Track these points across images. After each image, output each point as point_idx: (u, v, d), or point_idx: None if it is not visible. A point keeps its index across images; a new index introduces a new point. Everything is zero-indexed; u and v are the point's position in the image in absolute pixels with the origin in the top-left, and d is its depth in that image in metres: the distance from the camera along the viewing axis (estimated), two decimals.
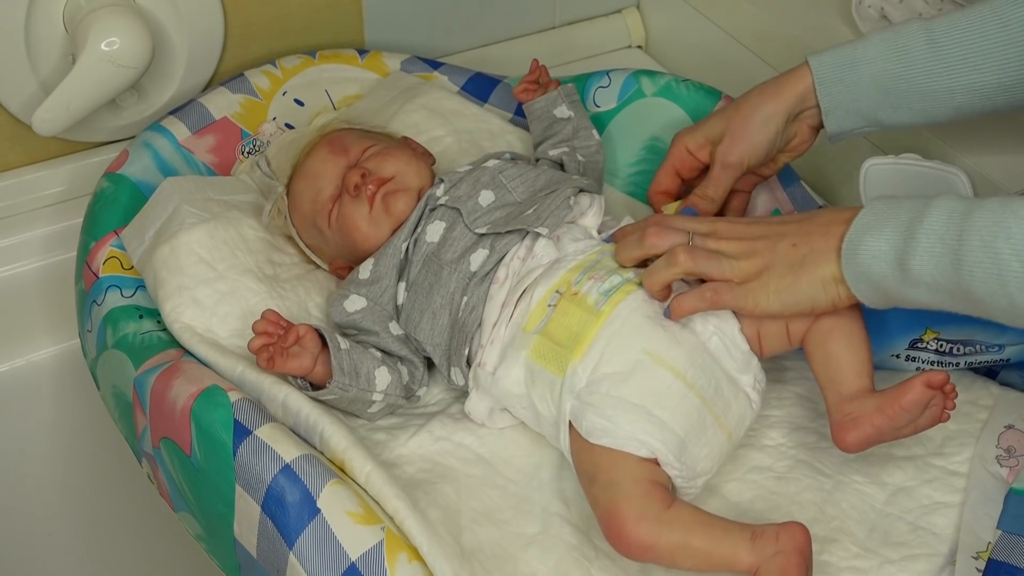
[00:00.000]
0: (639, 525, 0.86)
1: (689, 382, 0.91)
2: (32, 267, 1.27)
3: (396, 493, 0.88)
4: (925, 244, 0.82)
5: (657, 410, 0.90)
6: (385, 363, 1.00)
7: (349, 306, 1.02)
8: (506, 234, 1.01)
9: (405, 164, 1.06)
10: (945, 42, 0.99)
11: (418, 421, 1.01)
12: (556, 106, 1.18)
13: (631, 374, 0.91)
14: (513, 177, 1.06)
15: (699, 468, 0.91)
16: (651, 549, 0.86)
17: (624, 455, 0.88)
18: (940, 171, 1.09)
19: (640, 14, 1.61)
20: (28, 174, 1.30)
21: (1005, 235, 0.78)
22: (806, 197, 1.20)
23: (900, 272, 0.83)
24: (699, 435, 0.91)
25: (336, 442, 0.91)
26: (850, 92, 1.02)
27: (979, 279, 0.79)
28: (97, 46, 1.14)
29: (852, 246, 0.86)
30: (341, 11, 1.39)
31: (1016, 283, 0.77)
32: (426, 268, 1.01)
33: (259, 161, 1.11)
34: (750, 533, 0.85)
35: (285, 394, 0.95)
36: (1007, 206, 0.79)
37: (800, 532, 0.85)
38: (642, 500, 0.87)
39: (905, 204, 0.85)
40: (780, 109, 1.04)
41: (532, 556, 0.91)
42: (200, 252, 1.04)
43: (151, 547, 1.41)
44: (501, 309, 0.98)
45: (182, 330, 1.01)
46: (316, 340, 0.96)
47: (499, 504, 0.95)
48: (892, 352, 1.04)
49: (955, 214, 0.81)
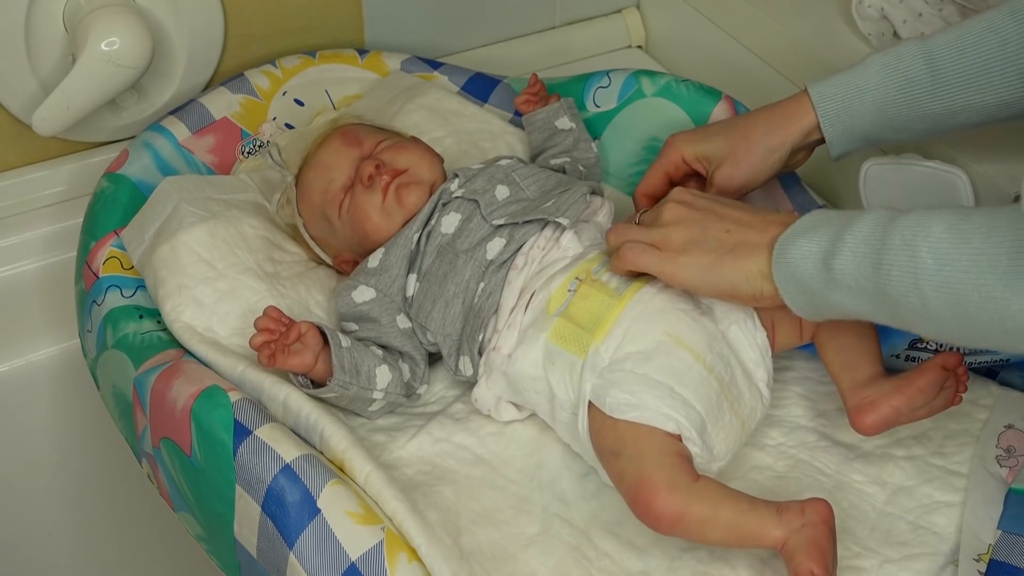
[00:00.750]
0: (671, 495, 0.86)
1: (708, 365, 0.92)
2: (32, 267, 1.27)
3: (395, 495, 0.88)
4: (851, 244, 0.82)
5: (680, 388, 0.90)
6: (386, 361, 1.00)
7: (357, 296, 1.03)
8: (524, 224, 1.01)
9: (419, 158, 1.07)
10: (945, 64, 0.99)
11: (417, 422, 1.01)
12: (558, 117, 1.20)
13: (653, 353, 0.92)
14: (526, 176, 1.07)
15: (716, 451, 0.92)
16: (681, 519, 0.86)
17: (651, 429, 0.89)
18: (940, 171, 1.10)
19: (640, 14, 1.61)
20: (28, 174, 1.30)
21: (925, 233, 0.78)
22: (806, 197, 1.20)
23: (825, 272, 0.83)
24: (717, 418, 0.92)
25: (336, 442, 0.91)
26: (853, 120, 1.03)
27: (895, 278, 0.79)
28: (97, 46, 1.14)
29: (784, 246, 0.87)
30: (341, 11, 1.39)
31: (929, 282, 0.77)
32: (440, 258, 1.02)
33: (271, 150, 1.11)
34: (776, 508, 0.87)
35: (286, 394, 0.95)
36: (933, 212, 0.79)
37: (824, 505, 0.86)
38: (672, 471, 0.87)
39: (844, 213, 0.86)
40: (786, 142, 1.05)
41: (532, 556, 0.91)
42: (200, 251, 1.04)
43: (151, 547, 1.41)
44: (519, 295, 0.99)
45: (182, 329, 1.01)
46: (318, 337, 0.97)
47: (499, 505, 0.95)
48: (893, 352, 1.04)
49: (883, 219, 0.81)
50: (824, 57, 1.30)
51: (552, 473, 0.98)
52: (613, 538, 0.93)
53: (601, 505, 0.96)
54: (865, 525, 0.94)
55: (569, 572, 0.90)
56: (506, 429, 1.01)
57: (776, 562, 0.90)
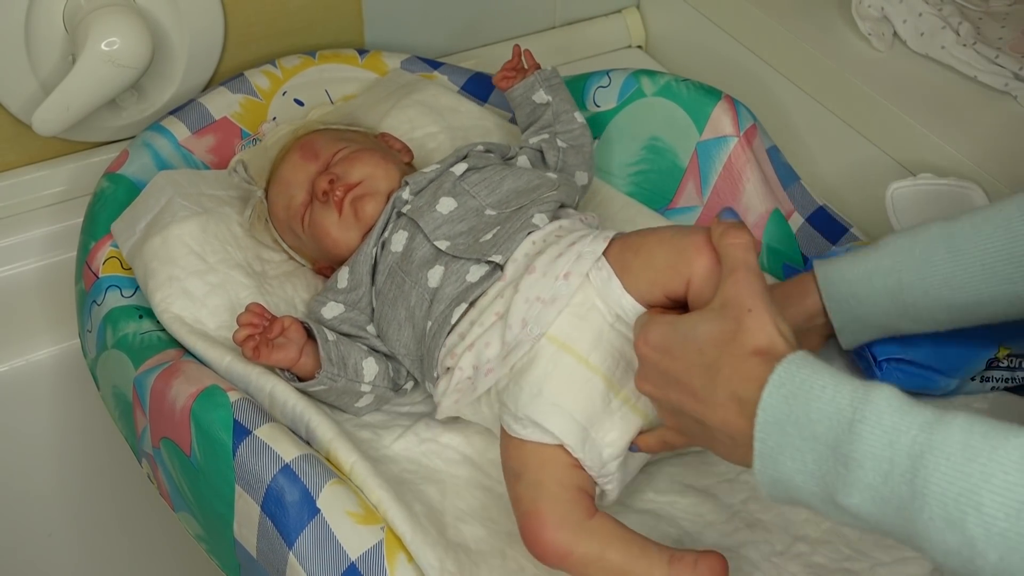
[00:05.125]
0: (559, 531, 0.84)
1: (592, 366, 0.89)
2: (32, 267, 1.27)
3: (380, 483, 0.88)
4: (861, 481, 0.65)
5: (557, 398, 0.87)
6: (372, 355, 1.00)
7: (327, 313, 1.02)
8: (463, 259, 0.97)
9: (373, 167, 1.05)
10: (968, 250, 0.85)
11: (404, 422, 1.01)
12: (534, 91, 1.16)
13: (534, 365, 0.89)
14: (475, 183, 1.03)
15: (606, 452, 0.88)
16: (567, 557, 0.84)
17: (546, 449, 0.86)
18: (957, 187, 1.11)
19: (640, 14, 1.61)
20: (28, 174, 1.30)
21: (975, 509, 0.60)
22: (806, 197, 1.21)
23: (833, 508, 0.68)
24: (604, 415, 0.88)
25: (322, 432, 0.92)
26: (863, 307, 0.92)
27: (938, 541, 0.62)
28: (97, 46, 1.14)
29: (766, 475, 0.70)
30: (341, 11, 1.39)
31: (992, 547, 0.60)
32: (391, 279, 1.00)
33: (236, 167, 1.11)
34: (668, 556, 0.84)
35: (272, 385, 0.95)
36: (968, 447, 0.61)
37: (718, 562, 0.84)
38: (566, 506, 0.85)
39: (808, 412, 0.68)
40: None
41: (519, 552, 0.90)
42: (192, 244, 1.04)
43: (151, 547, 1.41)
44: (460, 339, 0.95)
45: (171, 320, 1.01)
46: (301, 331, 0.97)
47: (485, 504, 0.95)
48: (971, 375, 1.00)
49: (895, 460, 0.63)
50: (824, 57, 1.30)
51: None
52: None
53: None
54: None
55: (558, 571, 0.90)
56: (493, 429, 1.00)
57: None
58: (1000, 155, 1.15)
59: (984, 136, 1.17)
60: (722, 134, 1.19)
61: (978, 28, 1.30)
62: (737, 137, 1.18)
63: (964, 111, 1.21)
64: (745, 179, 1.18)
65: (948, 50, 1.26)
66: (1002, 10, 1.35)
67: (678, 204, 1.21)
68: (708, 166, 1.19)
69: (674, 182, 1.21)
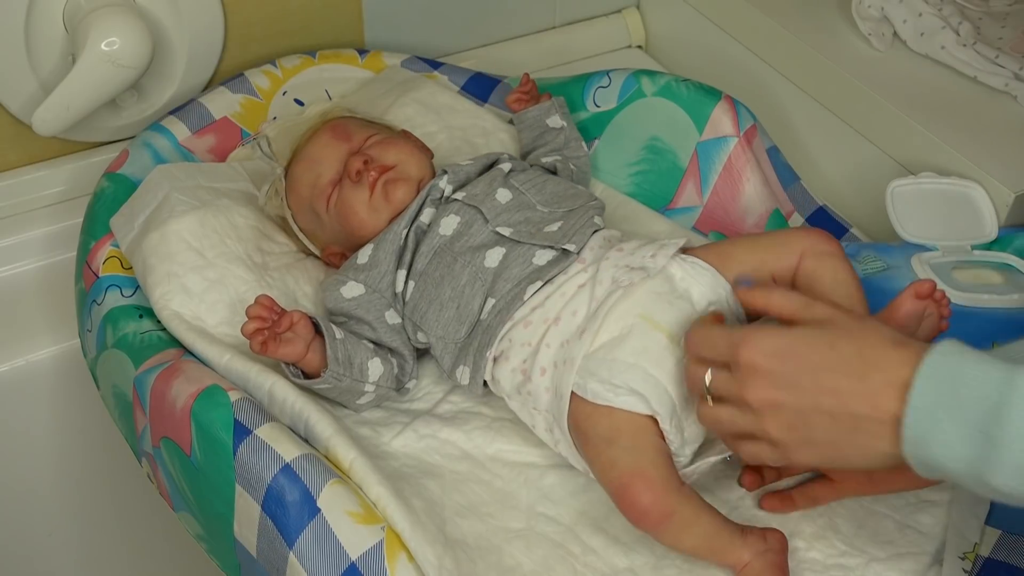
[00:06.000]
0: (665, 492, 0.86)
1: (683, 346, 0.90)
2: (32, 267, 1.27)
3: (379, 480, 0.88)
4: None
5: (653, 369, 0.90)
6: (377, 354, 1.00)
7: (346, 292, 1.02)
8: (529, 244, 1.00)
9: (408, 154, 1.07)
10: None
11: (403, 418, 1.01)
12: (549, 116, 1.20)
13: (627, 336, 0.91)
14: (523, 182, 1.07)
15: (688, 433, 0.91)
16: (668, 517, 0.86)
17: (630, 417, 0.88)
18: (958, 187, 1.12)
19: (640, 14, 1.61)
20: (28, 174, 1.30)
21: None
22: (806, 197, 1.21)
23: (984, 486, 0.71)
24: (690, 401, 0.90)
25: (321, 429, 0.92)
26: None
27: None
28: (97, 46, 1.14)
29: (916, 446, 0.73)
30: (341, 11, 1.39)
31: None
32: (437, 259, 1.02)
33: (260, 141, 1.11)
34: (740, 529, 0.88)
35: (271, 383, 0.95)
36: None
37: (782, 536, 0.89)
38: (666, 470, 0.87)
39: (969, 377, 0.70)
40: None
41: (517, 549, 0.91)
42: (190, 240, 1.04)
43: (151, 547, 1.41)
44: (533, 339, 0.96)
45: (170, 317, 1.01)
46: (309, 327, 0.97)
47: (484, 499, 0.95)
48: None
49: None
50: (824, 57, 1.30)
51: (539, 472, 0.98)
52: (601, 534, 0.93)
53: (589, 500, 0.95)
54: (852, 524, 0.94)
55: (554, 567, 0.90)
56: (493, 424, 1.01)
57: None
58: (1000, 155, 1.15)
59: (984, 136, 1.17)
60: (722, 134, 1.19)
61: (978, 28, 1.30)
62: (737, 137, 1.18)
63: (964, 111, 1.21)
64: (745, 179, 1.18)
65: (948, 50, 1.26)
66: (1002, 10, 1.35)
67: (678, 204, 1.21)
68: (708, 166, 1.19)
69: (674, 182, 1.21)
